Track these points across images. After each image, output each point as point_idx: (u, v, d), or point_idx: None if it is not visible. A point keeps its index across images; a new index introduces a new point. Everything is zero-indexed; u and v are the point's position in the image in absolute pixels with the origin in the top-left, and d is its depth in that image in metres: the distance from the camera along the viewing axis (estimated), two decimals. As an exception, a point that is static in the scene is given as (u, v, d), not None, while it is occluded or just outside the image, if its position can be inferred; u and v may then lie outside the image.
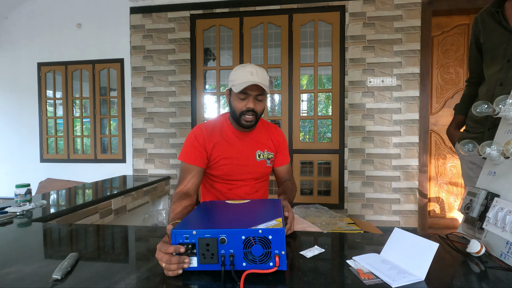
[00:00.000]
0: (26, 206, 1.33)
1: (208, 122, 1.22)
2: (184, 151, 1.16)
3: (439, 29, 2.70)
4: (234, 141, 1.20)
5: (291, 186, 1.23)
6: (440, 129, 2.73)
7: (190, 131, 1.34)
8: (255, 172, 1.22)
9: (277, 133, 1.30)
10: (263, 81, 1.09)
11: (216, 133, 1.18)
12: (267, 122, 1.33)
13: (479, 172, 0.96)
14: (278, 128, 1.33)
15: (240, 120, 1.13)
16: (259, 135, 1.24)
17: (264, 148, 1.24)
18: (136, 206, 2.30)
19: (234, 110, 1.13)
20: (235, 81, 1.10)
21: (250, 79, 1.06)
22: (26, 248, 0.86)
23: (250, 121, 1.12)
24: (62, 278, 0.65)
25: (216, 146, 1.17)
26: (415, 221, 2.64)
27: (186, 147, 1.17)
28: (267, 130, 1.28)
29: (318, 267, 0.70)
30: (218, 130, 1.19)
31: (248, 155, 1.20)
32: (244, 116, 1.12)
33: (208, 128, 1.18)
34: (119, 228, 1.01)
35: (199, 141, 1.16)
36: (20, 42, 3.26)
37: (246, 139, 1.21)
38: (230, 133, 1.20)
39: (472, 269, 0.71)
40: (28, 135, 3.29)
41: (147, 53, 2.99)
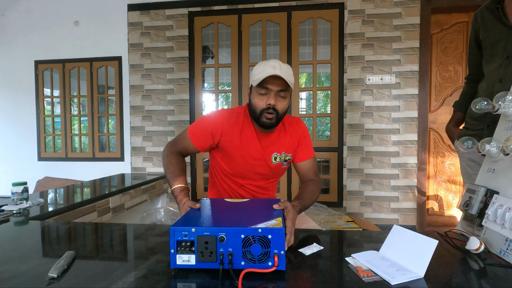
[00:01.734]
0: (23, 205, 1.32)
1: (233, 114, 1.12)
2: (197, 128, 1.11)
3: (438, 26, 2.70)
4: (252, 141, 1.12)
5: (311, 189, 1.10)
6: (439, 127, 2.73)
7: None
8: (267, 173, 1.17)
9: (298, 128, 1.19)
10: (286, 75, 0.99)
11: (237, 129, 1.10)
12: (288, 117, 1.21)
13: (478, 169, 0.96)
14: (300, 122, 1.22)
15: (260, 119, 1.04)
16: (278, 137, 1.16)
17: (282, 150, 1.16)
18: (134, 205, 2.29)
19: (254, 108, 1.05)
20: (256, 75, 1.02)
21: (271, 71, 0.98)
22: (22, 247, 0.85)
23: (271, 119, 1.03)
24: (58, 276, 0.64)
25: (231, 142, 1.10)
26: (413, 219, 2.64)
27: (200, 127, 1.11)
28: (287, 128, 1.18)
29: (317, 265, 0.70)
30: (239, 126, 1.11)
31: (263, 158, 1.13)
32: (265, 114, 1.03)
33: (231, 121, 1.10)
34: (117, 226, 1.00)
35: (213, 133, 1.09)
36: (17, 40, 3.24)
37: (264, 140, 1.13)
38: (249, 132, 1.11)
39: (471, 266, 0.71)
40: (26, 134, 3.27)
41: (145, 51, 2.98)
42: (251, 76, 1.06)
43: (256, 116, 1.05)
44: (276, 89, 1.01)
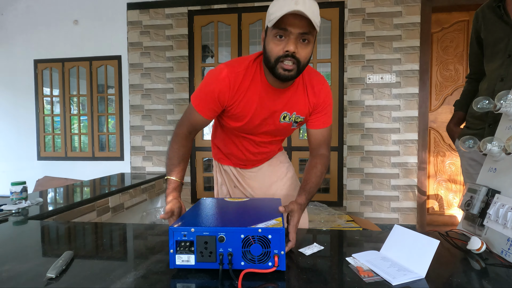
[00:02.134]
0: (22, 204, 1.31)
1: (240, 68, 0.92)
2: (199, 95, 0.95)
3: (439, 25, 2.69)
4: (262, 97, 0.94)
5: (320, 172, 0.97)
6: (439, 126, 2.72)
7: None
8: (273, 131, 1.03)
9: (321, 91, 0.98)
10: (311, 13, 0.76)
11: (244, 87, 0.92)
12: (311, 72, 0.99)
13: (479, 168, 0.95)
14: (325, 83, 0.99)
15: (275, 69, 0.83)
16: (294, 95, 0.96)
17: (293, 110, 0.97)
18: (134, 204, 2.29)
19: (269, 55, 0.83)
20: (273, 13, 0.79)
21: (293, 7, 0.75)
22: (21, 246, 0.84)
23: (290, 70, 0.82)
24: (56, 276, 0.64)
25: (239, 104, 0.94)
26: (414, 218, 2.64)
27: (205, 94, 0.93)
28: (307, 86, 0.97)
29: (317, 265, 0.70)
30: (247, 82, 0.92)
31: (271, 115, 0.97)
32: (282, 63, 0.81)
33: (237, 80, 0.91)
34: (116, 226, 1.00)
35: (219, 99, 0.92)
36: (16, 39, 3.23)
37: (275, 97, 0.94)
38: (260, 87, 0.93)
39: (472, 266, 0.70)
40: (25, 133, 3.27)
41: (144, 50, 2.97)
42: (267, 14, 0.83)
43: (270, 65, 0.84)
44: (298, 31, 0.78)
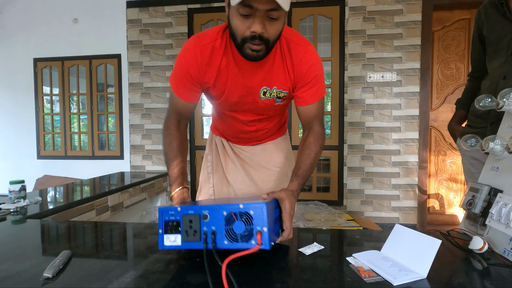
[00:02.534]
0: (21, 203, 1.30)
1: (206, 40, 0.83)
2: (174, 77, 0.88)
3: (440, 23, 2.68)
4: (235, 73, 0.86)
5: (314, 153, 0.86)
6: (440, 125, 2.71)
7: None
8: (256, 109, 0.94)
9: (300, 59, 0.85)
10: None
11: (215, 61, 0.84)
12: (292, 38, 0.85)
13: (480, 167, 0.94)
14: (306, 50, 0.85)
15: (243, 49, 0.76)
16: (271, 68, 0.86)
17: (273, 84, 0.87)
18: (133, 203, 2.28)
19: (234, 33, 0.75)
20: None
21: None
22: (18, 246, 0.83)
23: (258, 51, 0.75)
24: (53, 276, 0.63)
25: (214, 80, 0.87)
26: (414, 217, 2.63)
27: (177, 74, 0.87)
28: (285, 57, 0.85)
29: (318, 265, 0.69)
30: (218, 56, 0.84)
31: (249, 91, 0.89)
32: (249, 44, 0.74)
33: (205, 53, 0.83)
34: (115, 225, 0.99)
35: (192, 77, 0.85)
36: (15, 37, 3.22)
37: (252, 71, 0.85)
38: (232, 61, 0.84)
39: (474, 266, 0.69)
40: (25, 132, 3.26)
41: (144, 48, 2.96)
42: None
43: (237, 44, 0.77)
44: (265, 8, 0.69)
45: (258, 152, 1.13)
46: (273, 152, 1.13)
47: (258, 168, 1.13)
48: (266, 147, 1.14)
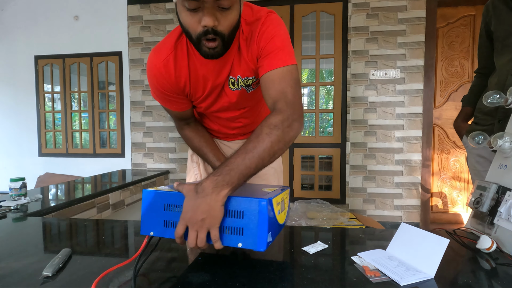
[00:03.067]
0: (21, 200, 1.30)
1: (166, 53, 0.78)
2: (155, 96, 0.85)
3: (444, 20, 2.64)
4: (203, 73, 0.80)
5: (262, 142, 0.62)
6: (444, 123, 2.68)
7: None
8: (234, 104, 0.87)
9: (254, 37, 0.74)
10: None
11: (184, 69, 0.79)
12: (246, 19, 0.76)
13: (487, 165, 0.93)
14: (262, 23, 0.74)
15: (200, 47, 0.68)
16: (229, 58, 0.78)
17: (237, 73, 0.80)
18: (134, 201, 2.28)
19: (187, 30, 0.68)
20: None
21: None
22: (18, 243, 0.82)
23: (214, 48, 0.67)
24: (53, 274, 0.62)
25: (187, 85, 0.82)
26: (417, 216, 2.61)
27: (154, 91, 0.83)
28: (240, 44, 0.77)
29: (322, 264, 0.67)
30: (183, 62, 0.79)
31: (219, 85, 0.83)
32: (203, 41, 0.66)
33: (170, 66, 0.78)
34: (116, 223, 0.98)
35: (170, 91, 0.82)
36: (16, 35, 3.21)
37: (214, 67, 0.79)
38: (198, 63, 0.79)
39: (482, 266, 0.68)
40: (26, 129, 3.26)
41: (145, 45, 2.94)
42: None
43: (194, 43, 0.70)
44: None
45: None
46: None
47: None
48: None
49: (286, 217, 0.70)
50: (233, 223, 0.56)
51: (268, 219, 0.54)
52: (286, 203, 0.71)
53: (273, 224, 0.58)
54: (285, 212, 0.68)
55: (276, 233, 0.62)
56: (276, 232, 0.62)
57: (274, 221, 0.59)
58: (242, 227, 0.55)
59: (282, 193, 0.66)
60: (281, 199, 0.65)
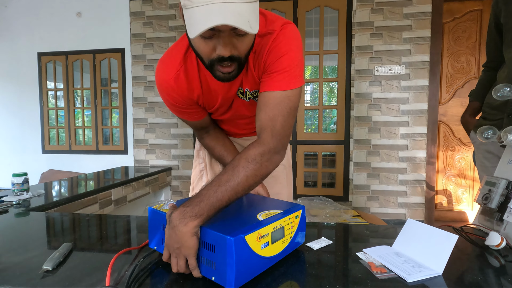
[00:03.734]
0: (23, 196, 1.29)
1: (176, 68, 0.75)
2: (171, 109, 0.84)
3: (451, 15, 2.60)
4: (211, 84, 0.78)
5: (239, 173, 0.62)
6: (449, 119, 2.65)
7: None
8: (246, 111, 0.87)
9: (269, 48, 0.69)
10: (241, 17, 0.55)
11: (195, 80, 0.77)
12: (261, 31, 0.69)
13: (495, 161, 0.90)
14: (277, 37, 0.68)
15: (213, 71, 0.66)
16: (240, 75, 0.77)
17: (245, 87, 0.79)
18: (137, 197, 2.28)
19: (199, 54, 0.65)
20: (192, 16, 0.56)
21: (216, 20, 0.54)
22: (20, 238, 0.82)
23: (230, 73, 0.65)
24: (53, 269, 0.61)
25: (201, 97, 0.82)
26: (421, 214, 2.59)
27: (171, 108, 0.83)
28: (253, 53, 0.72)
29: (326, 260, 0.66)
30: (194, 74, 0.76)
31: (229, 98, 0.83)
32: (217, 65, 0.64)
33: (181, 81, 0.76)
34: (117, 218, 0.97)
35: (184, 104, 0.81)
36: (20, 32, 3.21)
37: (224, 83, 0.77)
38: (206, 75, 0.76)
39: (491, 263, 0.66)
40: (30, 126, 3.27)
41: (147, 41, 2.93)
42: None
43: (205, 65, 0.67)
44: (229, 28, 0.58)
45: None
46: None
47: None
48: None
49: (290, 243, 0.64)
50: (208, 256, 0.55)
51: (236, 256, 0.50)
52: (291, 227, 0.64)
53: (250, 261, 0.53)
54: (284, 240, 0.62)
55: (261, 268, 0.57)
56: (260, 267, 0.57)
57: (252, 257, 0.54)
58: (215, 261, 0.53)
59: (279, 221, 0.60)
60: (275, 227, 0.59)
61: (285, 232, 0.63)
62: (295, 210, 0.66)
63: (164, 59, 0.77)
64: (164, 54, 0.79)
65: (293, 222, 0.65)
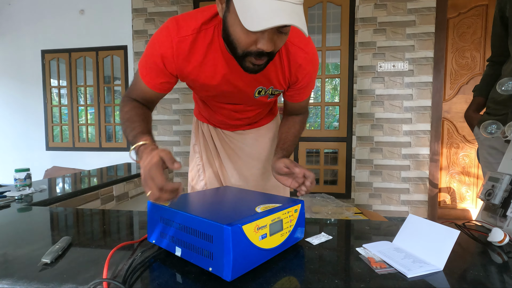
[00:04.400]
0: (26, 191, 1.30)
1: (187, 31, 0.72)
2: (144, 63, 0.78)
3: (456, 10, 2.56)
4: (225, 74, 0.77)
5: (297, 130, 0.95)
6: (453, 116, 2.62)
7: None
8: (248, 103, 0.92)
9: (301, 66, 0.80)
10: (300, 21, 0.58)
11: (196, 57, 0.75)
12: (296, 40, 0.77)
13: (499, 157, 0.89)
14: (309, 54, 0.80)
15: (242, 61, 0.67)
16: (268, 69, 0.77)
17: (270, 85, 0.83)
18: (138, 193, 2.28)
19: (233, 42, 0.65)
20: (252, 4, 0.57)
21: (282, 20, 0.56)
22: (20, 232, 0.83)
23: (259, 65, 0.68)
24: (52, 262, 0.61)
25: (194, 77, 0.79)
26: (424, 211, 2.57)
27: (148, 62, 0.76)
28: (282, 59, 0.78)
29: (326, 255, 0.65)
30: (200, 51, 0.74)
31: (241, 91, 0.83)
32: (251, 57, 0.65)
33: (183, 47, 0.73)
34: (118, 213, 0.98)
35: (167, 68, 0.76)
36: (23, 29, 3.22)
37: (245, 73, 0.75)
38: (220, 60, 0.75)
39: (493, 260, 0.65)
40: (34, 124, 3.30)
41: (149, 38, 2.92)
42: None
43: (235, 54, 0.67)
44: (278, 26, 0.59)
45: (251, 142, 1.09)
46: (266, 143, 1.10)
47: (248, 160, 1.09)
48: (258, 137, 1.10)
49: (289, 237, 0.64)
50: (205, 246, 0.54)
51: (233, 246, 0.50)
52: (290, 221, 0.64)
53: (248, 251, 0.53)
54: (283, 234, 0.62)
55: (259, 259, 0.57)
56: (259, 259, 0.57)
57: (249, 248, 0.54)
58: (212, 251, 0.53)
59: (277, 213, 0.61)
60: (273, 220, 0.60)
61: (284, 225, 0.62)
62: (294, 204, 0.66)
63: (179, 19, 0.74)
64: (181, 15, 0.75)
65: (292, 216, 0.65)
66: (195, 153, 1.14)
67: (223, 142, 1.10)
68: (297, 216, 0.67)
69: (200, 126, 1.13)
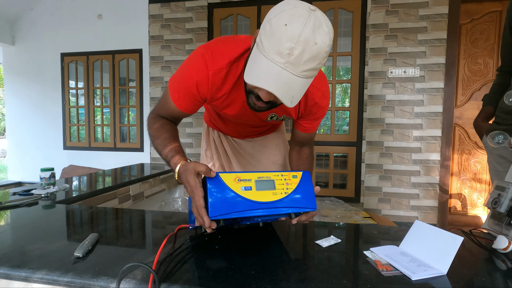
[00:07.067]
0: (50, 189, 1.39)
1: (223, 63, 0.77)
2: (177, 86, 0.83)
3: (468, 16, 2.55)
4: (245, 108, 0.84)
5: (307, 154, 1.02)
6: (465, 122, 2.60)
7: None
8: (259, 125, 1.03)
9: (317, 104, 0.88)
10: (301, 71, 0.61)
11: (225, 89, 0.82)
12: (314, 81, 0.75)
13: (507, 166, 0.91)
14: (325, 94, 0.87)
15: (247, 98, 0.73)
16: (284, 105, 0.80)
17: (282, 113, 0.91)
18: (153, 193, 2.36)
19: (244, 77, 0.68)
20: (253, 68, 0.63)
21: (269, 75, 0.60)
22: (49, 228, 0.89)
23: (261, 107, 0.73)
24: (83, 256, 0.67)
25: (219, 104, 0.87)
26: (434, 217, 2.56)
27: (183, 85, 0.82)
28: (303, 97, 0.85)
29: (334, 257, 0.69)
30: (229, 84, 0.81)
31: (256, 117, 0.92)
32: (252, 96, 0.71)
33: (218, 78, 0.79)
34: (137, 212, 1.04)
35: (199, 93, 0.82)
36: (44, 33, 3.37)
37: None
38: (242, 96, 0.80)
39: (497, 266, 0.67)
40: (52, 124, 3.43)
41: (165, 43, 3.01)
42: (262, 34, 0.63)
43: (244, 88, 0.73)
44: None
45: (259, 148, 1.17)
46: (273, 149, 1.19)
47: (257, 165, 1.17)
48: (266, 143, 1.18)
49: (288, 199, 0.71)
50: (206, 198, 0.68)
51: (210, 189, 0.66)
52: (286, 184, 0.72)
53: (227, 195, 0.66)
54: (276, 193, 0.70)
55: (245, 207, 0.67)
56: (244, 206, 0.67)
57: (228, 193, 0.67)
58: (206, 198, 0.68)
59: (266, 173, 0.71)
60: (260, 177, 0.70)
61: (277, 186, 0.70)
62: (292, 171, 0.75)
63: (213, 51, 0.78)
64: (215, 45, 0.80)
65: (288, 180, 0.72)
66: (207, 157, 1.21)
67: (233, 148, 1.18)
68: (297, 182, 0.72)
69: (211, 133, 1.21)
